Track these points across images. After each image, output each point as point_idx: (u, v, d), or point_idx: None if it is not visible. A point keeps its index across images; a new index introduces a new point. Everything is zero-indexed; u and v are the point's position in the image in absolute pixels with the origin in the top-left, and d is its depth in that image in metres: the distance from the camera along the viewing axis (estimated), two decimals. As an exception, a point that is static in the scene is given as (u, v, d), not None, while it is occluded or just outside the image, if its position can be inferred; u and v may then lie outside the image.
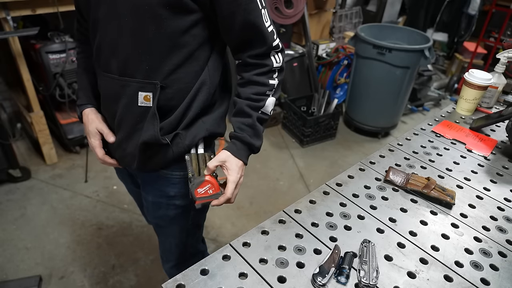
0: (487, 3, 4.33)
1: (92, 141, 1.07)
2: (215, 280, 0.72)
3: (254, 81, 0.95)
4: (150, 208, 1.16)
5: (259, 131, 0.98)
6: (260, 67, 0.95)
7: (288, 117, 3.27)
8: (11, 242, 2.07)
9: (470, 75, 1.40)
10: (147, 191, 1.13)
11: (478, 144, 1.26)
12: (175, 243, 1.24)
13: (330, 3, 3.74)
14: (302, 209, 0.91)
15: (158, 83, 0.90)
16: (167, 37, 0.87)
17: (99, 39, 0.93)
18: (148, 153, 0.99)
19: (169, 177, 1.06)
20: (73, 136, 2.71)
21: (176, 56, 0.90)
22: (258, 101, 0.96)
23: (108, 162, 1.10)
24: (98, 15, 0.90)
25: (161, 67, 0.90)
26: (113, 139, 1.04)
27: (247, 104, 0.95)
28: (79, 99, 1.11)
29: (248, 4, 0.86)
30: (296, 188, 2.66)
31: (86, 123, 1.08)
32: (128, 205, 2.36)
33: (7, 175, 2.44)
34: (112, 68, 0.94)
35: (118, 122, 1.00)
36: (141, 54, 0.88)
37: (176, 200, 1.10)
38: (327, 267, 0.74)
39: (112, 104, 0.99)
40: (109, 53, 0.92)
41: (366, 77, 3.11)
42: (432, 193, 0.97)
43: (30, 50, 2.46)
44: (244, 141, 0.96)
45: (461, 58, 4.35)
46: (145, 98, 0.92)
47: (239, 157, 0.96)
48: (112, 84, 0.95)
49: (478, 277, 0.77)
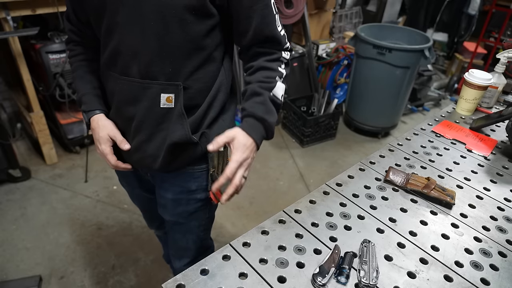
0: (487, 3, 4.33)
1: (103, 148, 1.02)
2: (215, 280, 0.72)
3: (264, 66, 0.97)
4: (169, 206, 1.15)
5: (271, 109, 0.95)
6: (270, 55, 0.98)
7: (288, 117, 3.27)
8: (11, 242, 2.07)
9: (470, 75, 1.40)
10: (166, 189, 1.13)
11: (478, 144, 1.26)
12: (192, 239, 1.24)
13: (330, 3, 3.74)
14: (302, 209, 0.91)
15: (181, 84, 0.92)
16: (190, 40, 0.89)
17: (117, 42, 0.91)
18: (175, 153, 1.00)
19: (191, 172, 1.07)
20: (73, 136, 2.71)
21: (196, 58, 0.93)
22: (269, 82, 0.95)
23: (122, 167, 1.07)
24: (116, 19, 0.88)
25: (183, 69, 0.92)
26: (128, 146, 1.02)
27: (258, 85, 0.95)
28: (85, 104, 1.04)
29: (263, 10, 0.90)
30: (296, 188, 2.66)
31: (96, 129, 1.03)
32: (128, 205, 2.36)
33: (7, 175, 2.44)
34: (132, 72, 0.93)
35: (138, 125, 0.99)
36: (165, 57, 0.90)
37: (197, 193, 1.11)
38: (327, 267, 0.74)
39: (129, 107, 0.97)
40: (129, 57, 0.91)
41: (366, 77, 3.11)
42: (432, 193, 0.97)
43: (30, 50, 2.46)
44: (256, 116, 0.92)
45: (461, 58, 4.35)
46: (167, 100, 0.93)
47: (249, 134, 0.91)
48: (131, 87, 0.94)
49: (478, 277, 0.77)
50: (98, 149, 1.05)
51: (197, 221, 1.19)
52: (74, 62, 1.09)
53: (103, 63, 0.99)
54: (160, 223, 1.50)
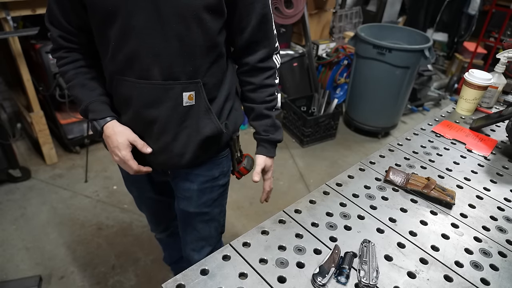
0: (487, 3, 4.33)
1: (124, 154, 0.98)
2: (215, 280, 0.72)
3: (266, 84, 1.08)
4: (195, 197, 1.17)
5: (278, 126, 1.15)
6: (268, 70, 1.08)
7: (288, 117, 3.27)
8: (11, 242, 2.07)
9: (470, 75, 1.40)
10: (191, 180, 1.15)
11: (478, 144, 1.26)
12: (215, 226, 1.26)
13: (330, 3, 3.74)
14: (302, 209, 0.91)
15: (200, 81, 0.96)
16: (208, 39, 0.93)
17: (134, 47, 0.89)
18: (205, 147, 1.05)
19: (214, 160, 1.14)
20: (73, 136, 2.71)
21: (212, 55, 0.97)
22: (272, 101, 1.11)
23: (144, 170, 1.04)
24: (132, 23, 0.86)
25: (202, 67, 0.96)
26: (150, 150, 1.01)
27: (265, 107, 1.10)
28: (94, 112, 0.99)
29: (263, 9, 0.98)
30: (296, 188, 2.66)
31: (112, 136, 0.98)
32: (128, 205, 2.36)
33: (7, 175, 2.44)
34: (153, 74, 0.92)
35: (162, 126, 0.98)
36: (186, 57, 0.92)
37: (220, 179, 1.18)
38: (327, 267, 0.74)
39: (151, 110, 0.96)
40: (150, 60, 0.90)
41: (366, 77, 3.11)
42: (432, 193, 0.97)
43: (30, 50, 2.46)
44: (272, 141, 1.15)
45: (461, 58, 4.35)
46: (189, 97, 0.97)
47: (271, 156, 1.16)
48: (153, 90, 0.94)
49: (478, 277, 0.77)
50: (117, 156, 1.00)
51: (219, 208, 1.24)
52: (69, 70, 1.01)
53: (114, 70, 0.95)
54: (166, 225, 1.51)
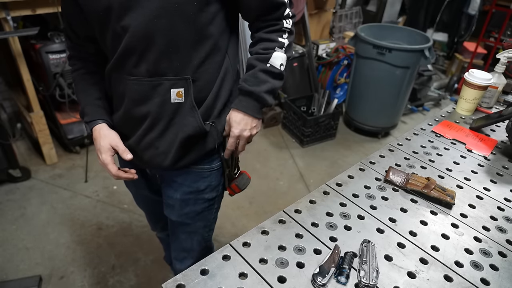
0: (487, 3, 4.33)
1: (104, 157, 1.00)
2: (215, 280, 0.72)
3: (263, 38, 1.00)
4: (177, 206, 1.16)
5: (263, 79, 0.98)
6: (270, 26, 1.00)
7: (288, 117, 3.27)
8: (11, 242, 2.07)
9: (470, 75, 1.40)
10: (175, 189, 1.13)
11: (478, 144, 1.26)
12: (197, 240, 1.24)
13: (330, 3, 3.75)
14: (302, 209, 0.91)
15: (189, 77, 0.94)
16: (195, 31, 0.91)
17: (125, 46, 0.91)
18: (186, 147, 1.02)
19: (200, 171, 1.09)
20: (73, 136, 2.71)
21: (202, 48, 0.94)
22: (266, 53, 0.98)
23: (123, 177, 1.03)
24: (123, 24, 0.88)
25: (190, 62, 0.94)
26: (130, 156, 1.01)
27: (254, 58, 0.99)
28: (87, 115, 1.05)
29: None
30: (296, 188, 2.66)
31: (97, 138, 1.02)
32: (128, 205, 2.36)
33: (7, 175, 2.44)
34: (140, 71, 0.93)
35: (151, 122, 0.99)
36: (172, 53, 0.91)
37: (206, 193, 1.13)
38: (327, 267, 0.74)
39: (140, 107, 0.98)
40: (137, 57, 0.92)
41: (366, 77, 3.11)
42: (432, 193, 0.97)
43: (30, 50, 2.46)
44: (243, 90, 0.99)
45: (461, 58, 4.35)
46: (178, 94, 0.95)
47: (239, 109, 0.99)
48: (141, 86, 0.95)
49: (478, 277, 0.77)
50: (99, 159, 1.03)
51: (203, 222, 1.20)
52: (76, 76, 1.10)
53: (110, 68, 0.99)
54: (165, 224, 1.50)
